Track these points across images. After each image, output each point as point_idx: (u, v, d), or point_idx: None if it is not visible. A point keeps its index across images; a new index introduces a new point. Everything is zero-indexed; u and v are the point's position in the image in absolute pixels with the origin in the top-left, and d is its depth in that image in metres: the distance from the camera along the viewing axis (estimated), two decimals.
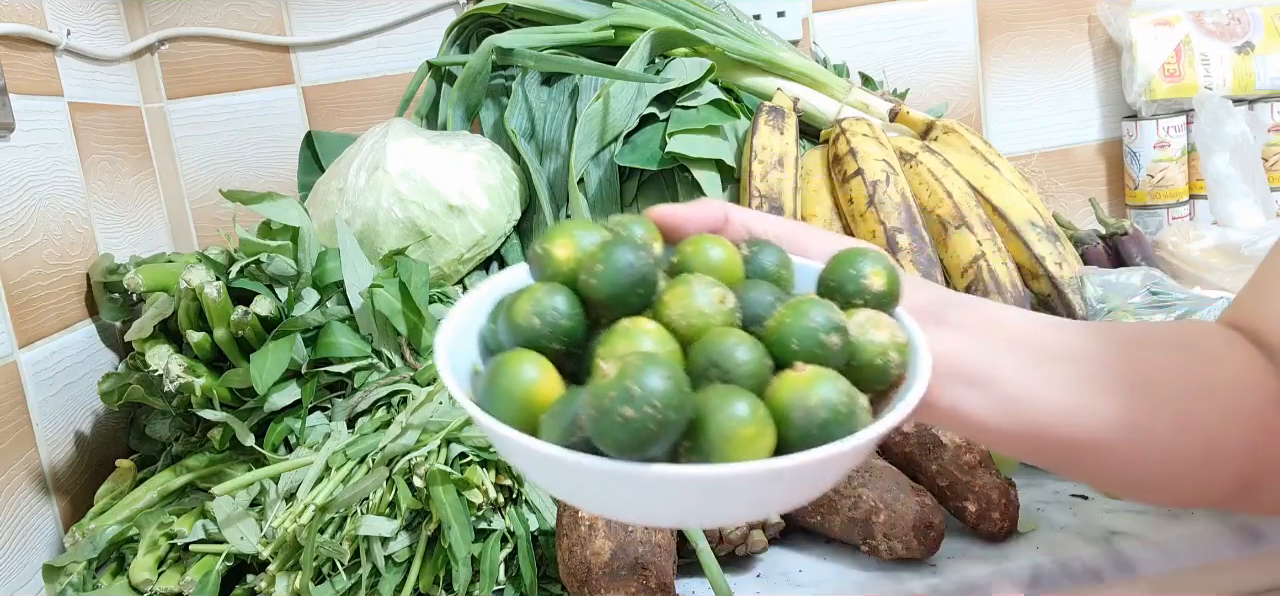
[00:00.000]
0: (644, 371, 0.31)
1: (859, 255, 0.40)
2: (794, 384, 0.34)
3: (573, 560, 0.60)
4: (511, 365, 0.35)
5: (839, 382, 0.34)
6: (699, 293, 0.36)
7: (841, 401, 0.33)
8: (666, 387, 0.31)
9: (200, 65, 1.11)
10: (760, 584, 0.65)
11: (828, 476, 0.36)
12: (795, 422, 0.33)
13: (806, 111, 0.94)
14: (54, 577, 0.69)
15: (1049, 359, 0.46)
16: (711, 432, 0.32)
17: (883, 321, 0.38)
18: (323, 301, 0.77)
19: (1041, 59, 1.23)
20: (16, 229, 0.77)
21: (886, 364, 0.37)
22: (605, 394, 0.31)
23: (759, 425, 0.32)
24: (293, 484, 0.68)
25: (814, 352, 0.35)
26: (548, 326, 0.36)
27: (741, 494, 0.33)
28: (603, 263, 0.36)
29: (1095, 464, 0.46)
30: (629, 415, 0.30)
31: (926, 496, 0.64)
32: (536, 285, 0.37)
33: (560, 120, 0.93)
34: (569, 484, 0.35)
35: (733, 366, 0.34)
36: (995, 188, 0.84)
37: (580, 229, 0.39)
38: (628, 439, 0.31)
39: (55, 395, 0.79)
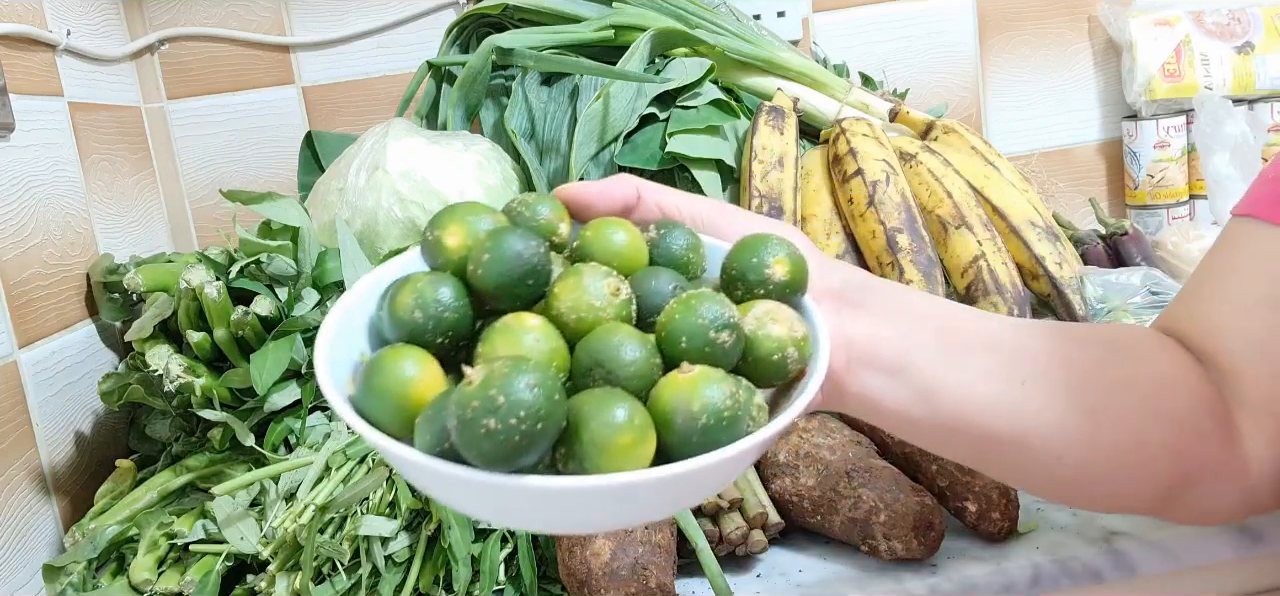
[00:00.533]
0: (510, 379, 0.29)
1: (762, 242, 0.38)
2: (677, 387, 0.32)
3: (572, 560, 0.60)
4: (389, 362, 0.33)
5: (724, 385, 0.32)
6: (591, 284, 0.34)
7: (725, 406, 0.31)
8: (534, 397, 0.29)
9: (200, 65, 1.11)
10: (760, 584, 0.65)
11: (709, 483, 0.34)
12: (677, 428, 0.31)
13: (806, 111, 0.94)
14: (54, 577, 0.69)
15: (970, 349, 0.44)
16: (586, 440, 0.30)
17: (782, 315, 0.36)
18: (323, 301, 0.77)
19: (1041, 59, 1.23)
20: (16, 229, 0.77)
21: (784, 360, 0.36)
22: (469, 403, 0.29)
23: (637, 432, 0.30)
24: (293, 484, 0.68)
25: (703, 351, 0.34)
26: (431, 320, 0.34)
27: (618, 503, 0.31)
28: (490, 252, 0.34)
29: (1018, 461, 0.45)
30: (492, 427, 0.28)
31: (926, 496, 0.64)
32: (420, 275, 0.35)
33: (560, 120, 0.93)
34: (443, 493, 0.33)
35: (618, 367, 0.32)
36: (995, 188, 0.84)
37: (474, 214, 0.37)
38: (493, 451, 0.29)
39: (55, 395, 0.79)
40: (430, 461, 0.30)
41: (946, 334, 0.44)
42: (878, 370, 0.43)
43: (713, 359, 0.33)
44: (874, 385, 0.43)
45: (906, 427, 0.44)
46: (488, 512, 0.34)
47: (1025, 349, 0.45)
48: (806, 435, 0.68)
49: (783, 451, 0.68)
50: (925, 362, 0.43)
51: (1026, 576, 0.62)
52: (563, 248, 0.39)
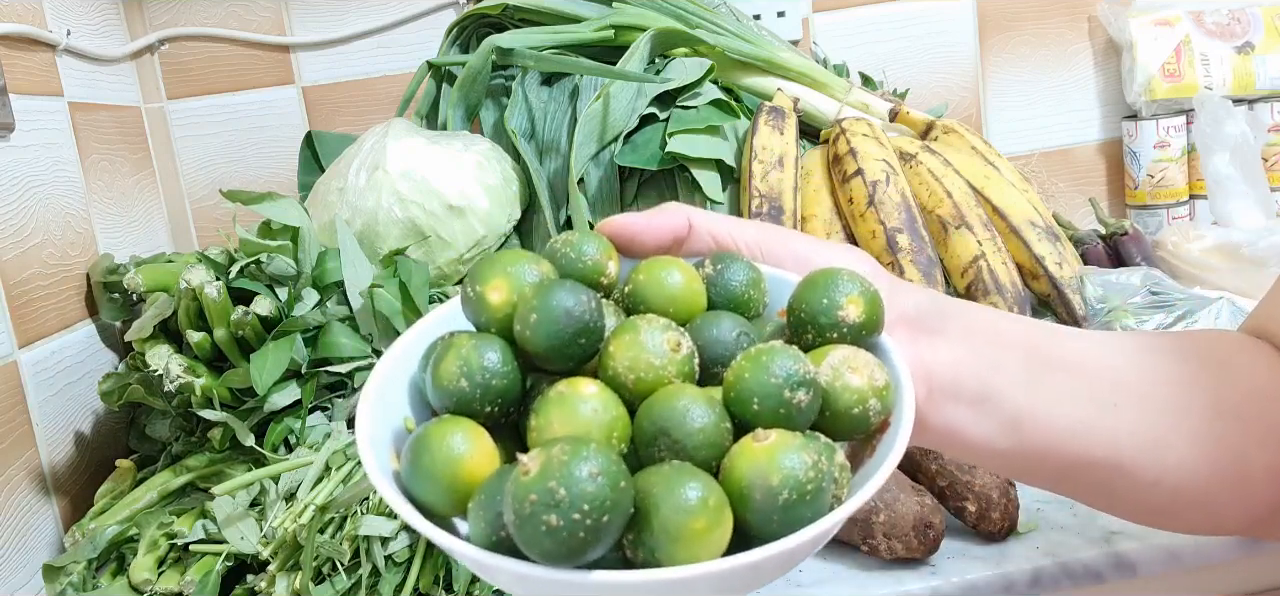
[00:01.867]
0: (570, 469, 0.26)
1: (832, 280, 0.35)
2: (753, 458, 0.29)
3: None
4: (436, 439, 0.30)
5: (805, 453, 0.29)
6: (649, 339, 0.32)
7: (808, 478, 0.29)
8: (598, 488, 0.26)
9: (200, 65, 1.11)
10: None
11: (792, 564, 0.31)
12: (755, 505, 0.29)
13: (806, 111, 0.94)
14: (54, 577, 0.69)
15: (1054, 370, 0.41)
16: (657, 528, 0.27)
17: (860, 362, 0.33)
18: (323, 301, 0.77)
19: (1041, 59, 1.23)
20: (16, 229, 0.77)
21: (865, 412, 0.33)
22: (526, 498, 0.26)
23: (712, 516, 0.28)
24: (293, 484, 0.68)
25: (778, 413, 0.31)
26: (478, 388, 0.31)
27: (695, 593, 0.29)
28: (538, 311, 0.31)
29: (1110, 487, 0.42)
30: (554, 524, 0.26)
31: (926, 496, 0.64)
32: (464, 338, 0.32)
33: (560, 120, 0.93)
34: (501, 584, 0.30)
35: (685, 436, 0.30)
36: (995, 188, 0.84)
37: (517, 264, 0.34)
38: (555, 548, 0.26)
39: (55, 395, 0.79)
40: (487, 556, 0.28)
41: (1029, 356, 0.41)
42: (961, 401, 0.40)
43: (788, 421, 0.31)
44: (957, 417, 0.40)
45: (993, 459, 0.42)
46: None
47: (1114, 369, 0.42)
48: None
49: None
50: (1009, 389, 0.40)
51: (1026, 576, 0.62)
52: (612, 288, 0.36)
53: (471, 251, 0.86)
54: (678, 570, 0.27)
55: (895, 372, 0.34)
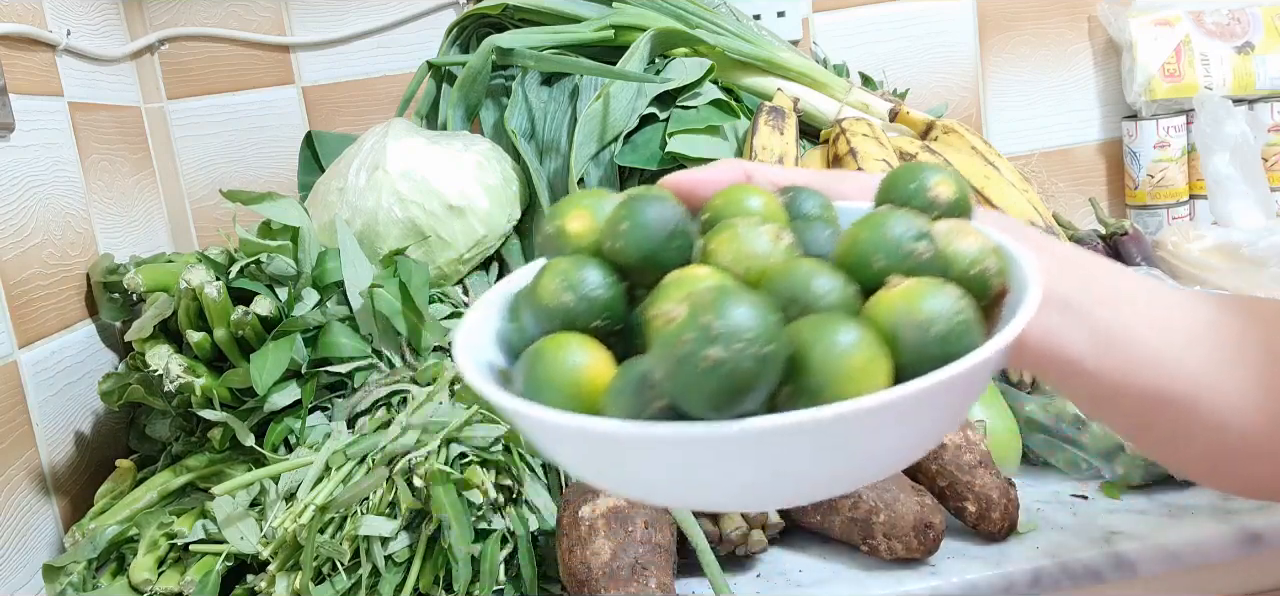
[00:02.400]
0: (724, 304, 0.24)
1: (918, 169, 0.34)
2: (894, 300, 0.28)
3: (573, 560, 0.60)
4: (552, 350, 0.29)
5: (946, 289, 0.28)
6: (749, 234, 0.30)
7: (957, 309, 0.27)
8: (757, 318, 0.24)
9: (200, 65, 1.11)
10: (760, 584, 0.65)
11: (963, 402, 0.29)
12: (908, 343, 0.27)
13: (806, 111, 0.94)
14: (54, 577, 0.69)
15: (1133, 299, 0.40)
16: (817, 367, 0.25)
17: (967, 229, 0.32)
18: (323, 301, 0.77)
19: (1041, 59, 1.23)
20: (16, 229, 0.77)
21: (984, 273, 0.31)
22: (680, 339, 0.24)
23: (871, 350, 0.26)
24: (293, 484, 0.68)
25: (904, 266, 0.29)
26: (584, 301, 0.30)
27: (870, 437, 0.26)
28: (628, 221, 0.30)
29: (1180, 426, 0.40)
30: (716, 356, 0.24)
31: (926, 496, 0.64)
32: (559, 258, 0.31)
33: (560, 120, 0.93)
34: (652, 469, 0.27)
35: (815, 299, 0.28)
36: (995, 188, 0.84)
37: (591, 198, 0.33)
38: (719, 386, 0.24)
39: (55, 395, 0.79)
40: (644, 427, 0.25)
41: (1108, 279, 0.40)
42: (1052, 307, 0.38)
43: (914, 275, 0.29)
44: (1056, 326, 0.39)
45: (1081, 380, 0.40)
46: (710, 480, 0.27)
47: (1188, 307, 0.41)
48: None
49: None
50: (1094, 305, 0.39)
51: (1026, 576, 0.62)
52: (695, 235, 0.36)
53: (471, 251, 0.86)
54: (860, 401, 0.25)
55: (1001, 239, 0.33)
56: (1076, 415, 0.72)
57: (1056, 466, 0.75)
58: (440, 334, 0.78)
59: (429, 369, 0.74)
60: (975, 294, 0.30)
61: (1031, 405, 0.75)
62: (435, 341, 0.77)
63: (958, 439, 0.66)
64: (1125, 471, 0.70)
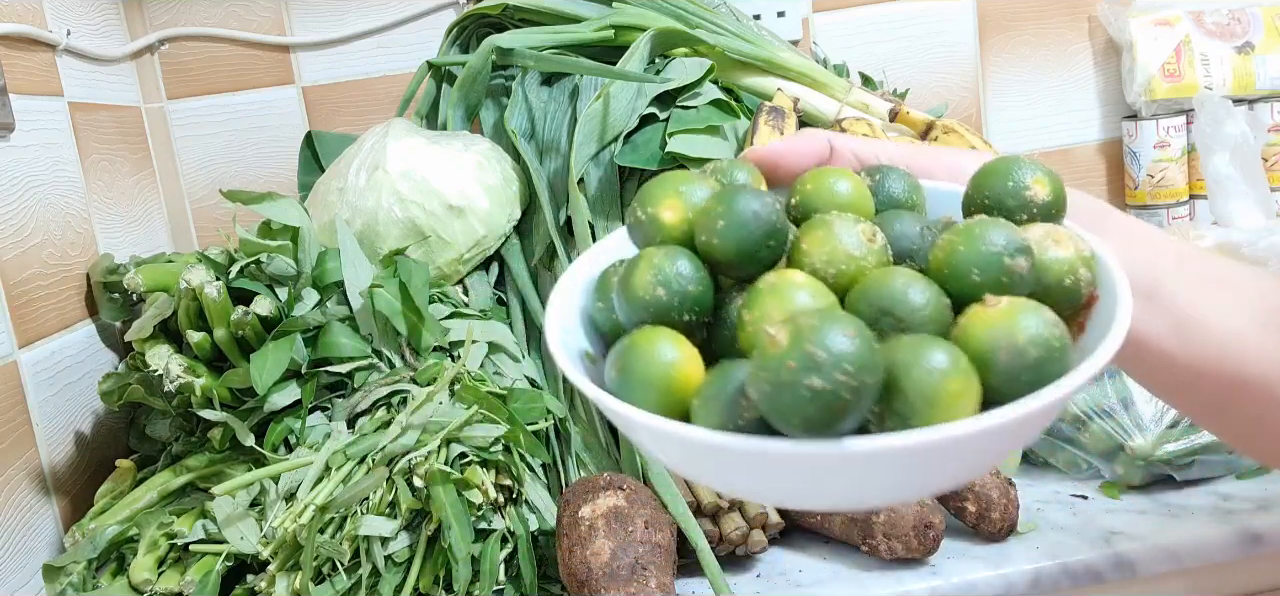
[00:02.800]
0: (826, 332, 0.25)
1: (1014, 164, 0.34)
2: (992, 321, 0.28)
3: (573, 560, 0.60)
4: (644, 345, 0.30)
5: (1042, 312, 0.28)
6: (843, 233, 0.31)
7: (1053, 334, 0.28)
8: (857, 348, 0.25)
9: (200, 65, 1.11)
10: (760, 584, 0.65)
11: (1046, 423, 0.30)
12: (1001, 367, 0.28)
13: (806, 111, 0.94)
14: (54, 577, 0.69)
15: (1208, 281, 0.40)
16: (911, 392, 0.26)
17: (1062, 235, 0.32)
18: (323, 301, 0.77)
19: (1041, 59, 1.23)
20: (16, 229, 0.77)
21: (1077, 282, 0.32)
22: (783, 364, 0.25)
23: (964, 377, 0.27)
24: (293, 484, 0.68)
25: (1001, 281, 0.30)
26: (676, 296, 0.30)
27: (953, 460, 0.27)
28: (724, 217, 0.31)
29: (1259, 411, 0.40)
30: (818, 386, 0.25)
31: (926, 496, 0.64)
32: (654, 249, 0.32)
33: (560, 120, 0.93)
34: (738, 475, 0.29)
35: (909, 312, 0.29)
36: None
37: (684, 183, 0.34)
38: (817, 413, 0.25)
39: (55, 395, 0.79)
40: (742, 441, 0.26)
41: (1186, 263, 0.40)
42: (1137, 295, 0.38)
43: (1010, 289, 0.30)
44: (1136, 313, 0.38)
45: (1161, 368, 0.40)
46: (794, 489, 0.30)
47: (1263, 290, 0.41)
48: None
49: None
50: (1174, 290, 0.39)
51: (1026, 576, 0.62)
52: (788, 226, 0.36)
53: (471, 251, 0.86)
54: (947, 428, 0.26)
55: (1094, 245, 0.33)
56: (1076, 415, 0.72)
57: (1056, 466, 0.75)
58: (440, 334, 0.78)
59: (429, 369, 0.74)
60: (1066, 303, 0.31)
61: None
62: (435, 341, 0.77)
63: None
64: (1125, 471, 0.70)
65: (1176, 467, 0.69)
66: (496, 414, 0.70)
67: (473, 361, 0.77)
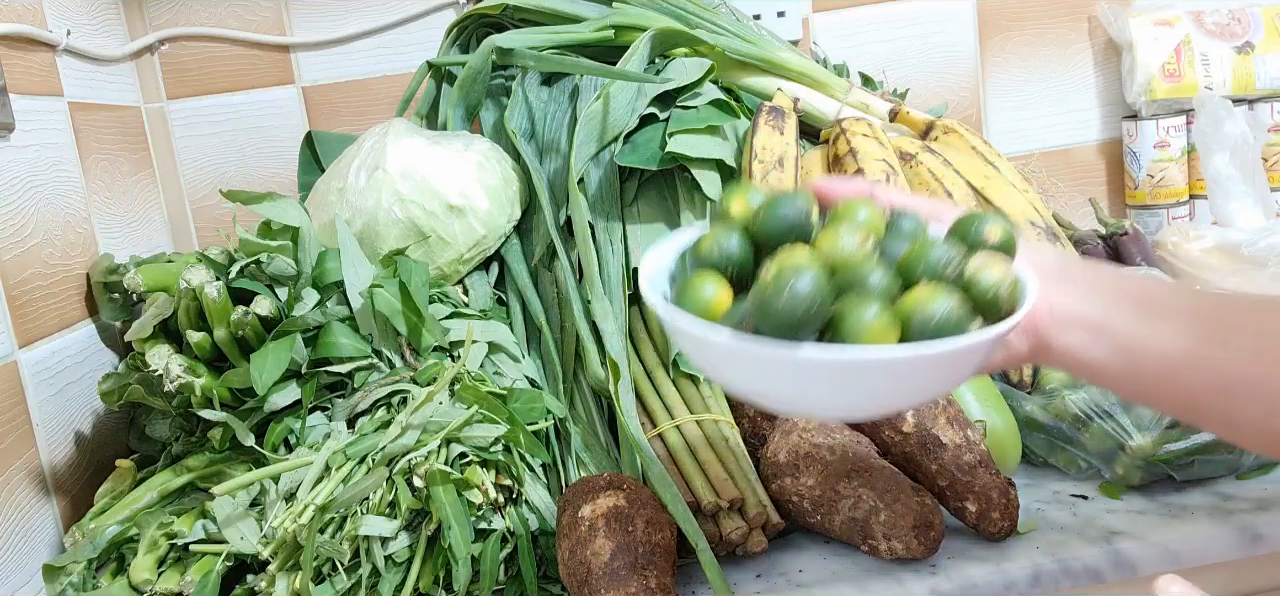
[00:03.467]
0: (796, 271, 0.40)
1: (980, 215, 0.48)
2: (916, 296, 0.42)
3: (573, 560, 0.60)
4: (697, 282, 0.45)
5: (953, 298, 0.41)
6: (846, 234, 0.45)
7: (953, 311, 0.41)
8: (812, 283, 0.40)
9: (200, 65, 1.11)
10: (760, 584, 0.65)
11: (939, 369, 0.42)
12: (914, 324, 0.41)
13: (806, 111, 0.94)
14: (54, 577, 0.69)
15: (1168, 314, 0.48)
16: (848, 325, 0.41)
17: (997, 262, 0.44)
18: (323, 301, 0.77)
19: (1041, 59, 1.23)
20: (16, 229, 0.77)
21: (997, 296, 0.44)
22: (765, 287, 0.40)
23: (887, 322, 0.40)
24: (293, 484, 0.68)
25: (934, 278, 0.43)
26: (724, 256, 0.46)
27: (870, 373, 0.41)
28: (766, 212, 0.46)
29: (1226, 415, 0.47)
30: (782, 302, 0.40)
31: (926, 496, 0.64)
32: (717, 226, 0.47)
33: (560, 120, 0.93)
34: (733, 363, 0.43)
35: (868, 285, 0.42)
36: (995, 188, 0.84)
37: (750, 192, 0.49)
38: (781, 321, 0.40)
39: (55, 395, 0.79)
40: (732, 336, 0.41)
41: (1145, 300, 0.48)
42: (1081, 328, 0.48)
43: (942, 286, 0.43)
44: (1076, 340, 0.49)
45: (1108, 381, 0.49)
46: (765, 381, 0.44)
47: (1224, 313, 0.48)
48: (806, 435, 0.68)
49: (783, 451, 0.68)
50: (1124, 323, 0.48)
51: (1026, 576, 0.62)
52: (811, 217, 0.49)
53: (472, 251, 0.86)
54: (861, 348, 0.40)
55: (1023, 279, 0.46)
56: (1076, 415, 0.72)
57: (1056, 466, 0.75)
58: (440, 334, 0.78)
59: (429, 369, 0.74)
60: (991, 309, 0.44)
61: (1031, 405, 0.75)
62: (435, 341, 0.77)
63: (958, 438, 0.66)
64: (1125, 471, 0.70)
65: (1176, 467, 0.69)
66: (496, 414, 0.70)
67: (473, 361, 0.77)
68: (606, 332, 0.77)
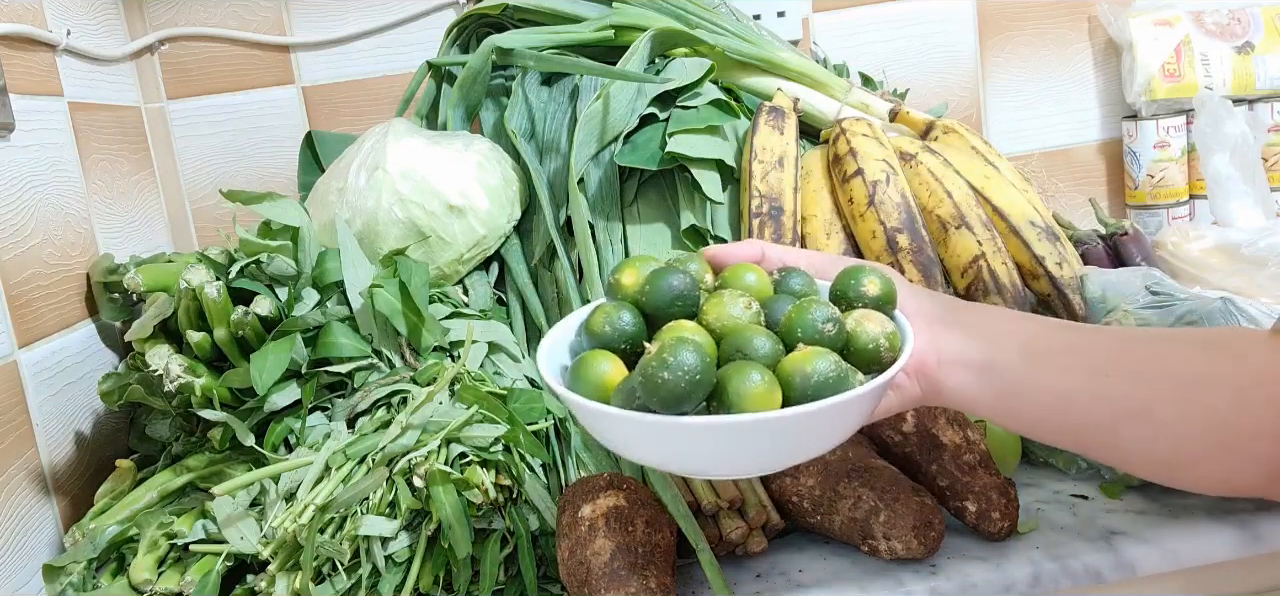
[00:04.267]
0: (678, 348, 0.43)
1: (859, 269, 0.50)
2: (796, 358, 0.44)
3: (573, 560, 0.60)
4: (591, 361, 0.47)
5: (831, 358, 0.44)
6: (730, 302, 0.47)
7: (832, 370, 0.43)
8: (694, 358, 0.42)
9: (200, 65, 1.11)
10: (760, 584, 0.65)
11: (822, 426, 0.44)
12: (796, 385, 0.43)
13: (806, 111, 0.94)
14: (54, 577, 0.69)
15: (1053, 353, 0.50)
16: (731, 393, 0.43)
17: (875, 317, 0.48)
18: (323, 301, 0.77)
19: (1041, 59, 1.23)
20: (16, 229, 0.77)
21: (878, 348, 0.47)
22: (649, 365, 0.43)
23: (768, 386, 0.42)
24: (293, 484, 0.68)
25: (814, 338, 0.45)
26: (615, 332, 0.48)
27: (755, 436, 0.43)
28: (652, 286, 0.48)
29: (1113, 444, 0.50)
30: (666, 378, 0.42)
31: (926, 496, 0.64)
32: (609, 303, 0.50)
33: (560, 120, 0.93)
34: (628, 437, 0.45)
35: (752, 351, 0.45)
36: (995, 188, 0.84)
37: (643, 262, 0.51)
38: (665, 396, 0.42)
39: (55, 395, 0.79)
40: (622, 412, 0.43)
41: (1029, 343, 0.51)
42: (967, 369, 0.51)
43: (822, 345, 0.45)
44: (963, 381, 0.51)
45: (999, 419, 0.52)
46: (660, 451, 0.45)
47: (1108, 348, 0.50)
48: None
49: None
50: (1008, 365, 0.50)
51: (1026, 576, 0.62)
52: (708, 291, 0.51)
53: (471, 252, 0.86)
54: (744, 415, 0.42)
55: (902, 328, 0.49)
56: None
57: (1056, 466, 0.75)
58: (440, 334, 0.78)
59: (429, 369, 0.74)
60: (872, 362, 0.47)
61: None
62: (435, 341, 0.77)
63: (958, 438, 0.66)
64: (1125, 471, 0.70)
65: None
66: (496, 414, 0.70)
67: (473, 361, 0.77)
68: None
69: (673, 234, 0.85)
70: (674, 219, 0.86)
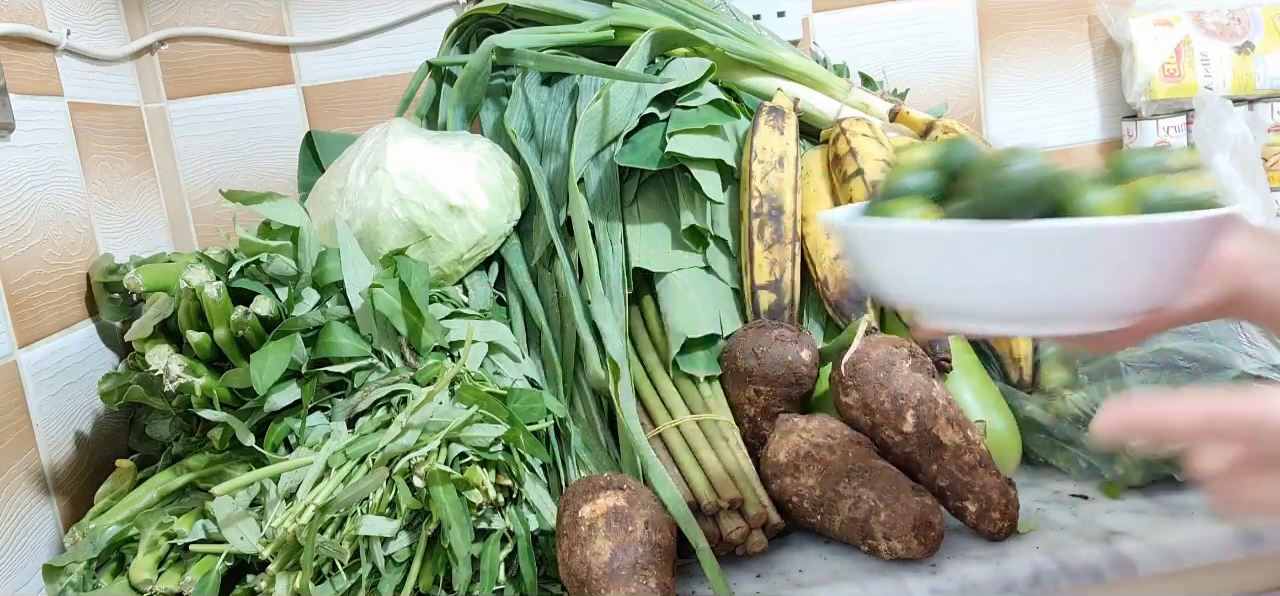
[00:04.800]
0: (1017, 154, 0.41)
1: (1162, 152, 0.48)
2: (1145, 183, 0.42)
3: (573, 560, 0.60)
4: (899, 204, 0.44)
5: (1169, 183, 0.42)
6: None
7: (1201, 192, 0.42)
8: (1035, 162, 0.40)
9: (200, 65, 1.11)
10: (760, 584, 0.65)
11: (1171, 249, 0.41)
12: (1155, 203, 0.41)
13: (806, 111, 0.94)
14: (54, 577, 0.69)
15: None
16: (1082, 203, 0.40)
17: (1205, 175, 0.45)
18: (323, 301, 0.77)
19: (1041, 59, 1.23)
20: (16, 229, 0.77)
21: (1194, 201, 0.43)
22: (985, 166, 0.41)
23: (1124, 199, 0.41)
24: (293, 484, 0.68)
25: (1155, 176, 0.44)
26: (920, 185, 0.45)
27: (1108, 242, 0.39)
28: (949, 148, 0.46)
29: None
30: (1006, 174, 0.40)
31: (926, 496, 0.64)
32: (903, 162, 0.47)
33: (560, 120, 0.93)
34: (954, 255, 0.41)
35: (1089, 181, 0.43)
36: None
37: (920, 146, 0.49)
38: (1010, 193, 0.40)
39: (55, 395, 0.79)
40: (956, 223, 0.41)
41: None
42: None
43: None
44: None
45: None
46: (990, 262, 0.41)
47: None
48: (806, 435, 0.68)
49: (783, 451, 0.68)
50: None
51: (1026, 576, 0.62)
52: None
53: (472, 251, 0.86)
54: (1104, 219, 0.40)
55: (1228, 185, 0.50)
56: (1076, 415, 0.72)
57: (1056, 466, 0.75)
58: (440, 334, 0.78)
59: (429, 369, 0.74)
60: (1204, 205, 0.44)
61: (1031, 405, 0.75)
62: (435, 341, 0.77)
63: (958, 438, 0.66)
64: (1125, 471, 0.70)
65: (1177, 467, 0.69)
66: (496, 414, 0.70)
67: (473, 361, 0.77)
68: (606, 332, 0.77)
69: (673, 234, 0.85)
70: (674, 219, 0.86)
